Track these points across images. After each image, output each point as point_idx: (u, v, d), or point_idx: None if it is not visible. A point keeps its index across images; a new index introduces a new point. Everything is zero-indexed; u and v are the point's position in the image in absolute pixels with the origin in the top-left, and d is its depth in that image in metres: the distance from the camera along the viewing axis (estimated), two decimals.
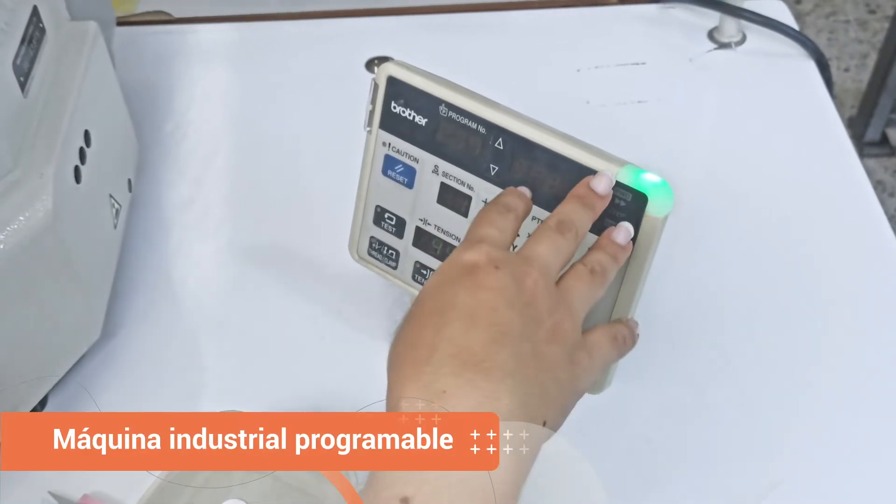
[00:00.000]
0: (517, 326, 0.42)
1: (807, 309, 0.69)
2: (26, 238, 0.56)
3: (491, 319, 0.42)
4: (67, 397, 0.65)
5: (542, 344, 0.43)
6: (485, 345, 0.41)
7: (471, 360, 0.41)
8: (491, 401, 0.40)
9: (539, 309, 0.44)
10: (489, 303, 0.42)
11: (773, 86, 0.85)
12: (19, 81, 0.59)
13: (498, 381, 0.41)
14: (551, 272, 0.46)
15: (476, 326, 0.41)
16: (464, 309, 0.42)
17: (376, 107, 0.60)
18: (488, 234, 0.47)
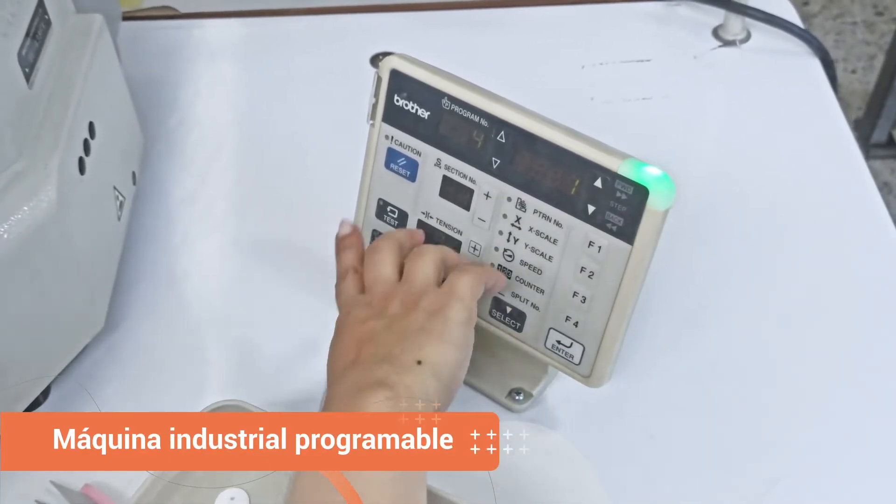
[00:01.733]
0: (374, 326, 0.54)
1: (810, 308, 0.69)
2: (30, 228, 0.56)
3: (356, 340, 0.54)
4: (70, 388, 0.65)
5: (397, 321, 0.54)
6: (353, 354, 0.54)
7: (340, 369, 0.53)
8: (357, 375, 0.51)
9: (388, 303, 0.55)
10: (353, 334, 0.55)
11: (777, 83, 0.85)
12: (24, 73, 0.59)
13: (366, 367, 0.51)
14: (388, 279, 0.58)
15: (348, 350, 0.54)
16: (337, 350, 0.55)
17: (379, 100, 0.60)
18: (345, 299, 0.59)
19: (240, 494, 0.57)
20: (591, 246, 0.55)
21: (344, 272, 0.60)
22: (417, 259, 0.57)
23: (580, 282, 0.56)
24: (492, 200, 0.58)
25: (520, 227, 0.57)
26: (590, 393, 0.60)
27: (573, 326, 0.58)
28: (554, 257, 0.57)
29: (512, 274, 0.59)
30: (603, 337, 0.57)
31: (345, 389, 0.50)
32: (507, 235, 0.58)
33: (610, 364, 0.58)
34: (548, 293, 0.58)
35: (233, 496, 0.57)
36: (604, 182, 0.54)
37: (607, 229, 0.54)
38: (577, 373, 0.59)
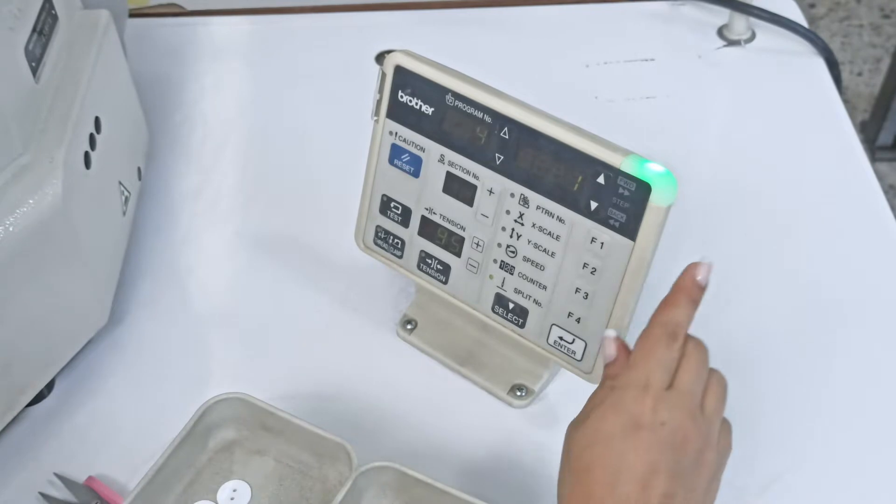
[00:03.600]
0: (674, 485, 0.47)
1: (813, 309, 0.69)
2: (35, 222, 0.56)
3: (653, 482, 0.47)
4: (74, 381, 0.65)
5: (687, 493, 0.48)
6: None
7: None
8: None
9: (690, 455, 0.48)
10: (653, 464, 0.47)
11: (781, 83, 0.85)
12: (31, 67, 0.59)
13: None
14: (697, 399, 0.50)
15: (645, 492, 0.47)
16: (632, 472, 0.47)
17: (383, 96, 0.60)
18: (655, 379, 0.49)
19: (242, 487, 0.57)
20: (593, 242, 0.55)
21: (674, 333, 0.50)
22: (722, 401, 0.51)
23: (582, 278, 0.57)
24: (495, 196, 0.58)
25: (522, 223, 0.58)
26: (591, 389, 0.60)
27: (575, 322, 0.58)
28: (556, 253, 0.57)
29: (514, 270, 0.59)
30: None
31: None
32: (510, 231, 0.58)
33: None
34: (550, 289, 0.58)
35: (235, 488, 0.57)
36: (606, 178, 0.54)
37: (610, 225, 0.55)
38: (578, 369, 0.59)
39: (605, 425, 0.48)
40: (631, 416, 0.48)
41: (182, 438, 0.56)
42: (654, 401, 0.48)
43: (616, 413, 0.49)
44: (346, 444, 0.54)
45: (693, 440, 0.48)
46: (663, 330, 0.51)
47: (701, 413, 0.49)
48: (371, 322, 0.68)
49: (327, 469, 0.56)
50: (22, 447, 0.62)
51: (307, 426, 0.55)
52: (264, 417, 0.57)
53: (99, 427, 0.63)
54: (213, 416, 0.57)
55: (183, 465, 0.57)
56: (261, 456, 0.58)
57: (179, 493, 0.57)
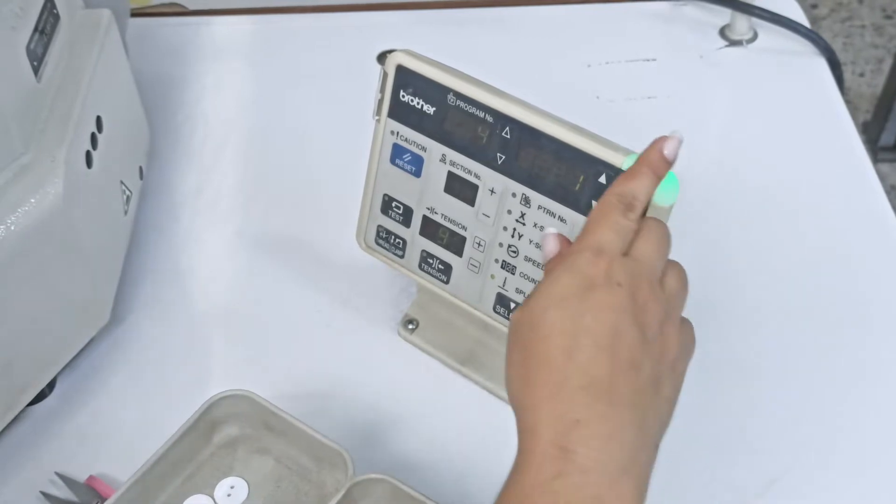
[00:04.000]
0: (637, 353, 0.43)
1: (814, 310, 0.69)
2: (36, 221, 0.56)
3: (616, 348, 0.43)
4: (75, 381, 0.65)
5: (654, 365, 0.44)
6: (612, 375, 0.42)
7: (601, 392, 0.42)
8: (618, 432, 0.42)
9: (652, 325, 0.45)
10: (613, 327, 0.43)
11: (783, 84, 0.85)
12: (33, 66, 0.59)
13: (623, 413, 0.42)
14: (656, 272, 0.47)
15: (603, 355, 0.42)
16: (591, 335, 0.43)
17: (385, 95, 0.60)
18: (608, 242, 0.46)
19: (240, 484, 0.57)
20: None
21: (630, 203, 0.47)
22: (683, 283, 0.48)
23: None
24: (496, 196, 0.58)
25: (524, 223, 0.58)
26: None
27: None
28: None
29: (516, 270, 0.59)
30: None
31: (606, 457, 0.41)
32: (512, 231, 0.58)
33: None
34: None
35: (233, 485, 0.57)
36: (608, 178, 0.54)
37: None
38: None
39: (556, 288, 0.44)
40: (585, 276, 0.44)
41: (185, 431, 0.56)
42: (608, 263, 0.45)
43: (570, 274, 0.44)
44: (343, 452, 0.54)
45: (653, 309, 0.44)
46: (619, 199, 0.48)
47: (661, 288, 0.46)
48: (372, 322, 0.68)
49: (325, 474, 0.56)
50: (23, 446, 0.62)
51: (307, 430, 0.55)
52: (268, 417, 0.57)
53: (100, 426, 0.63)
54: (218, 412, 0.57)
55: (184, 458, 0.57)
56: (262, 455, 0.58)
57: (178, 485, 0.57)
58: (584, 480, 0.41)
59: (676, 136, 0.50)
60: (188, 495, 0.57)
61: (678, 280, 0.48)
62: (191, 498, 0.57)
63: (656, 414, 0.44)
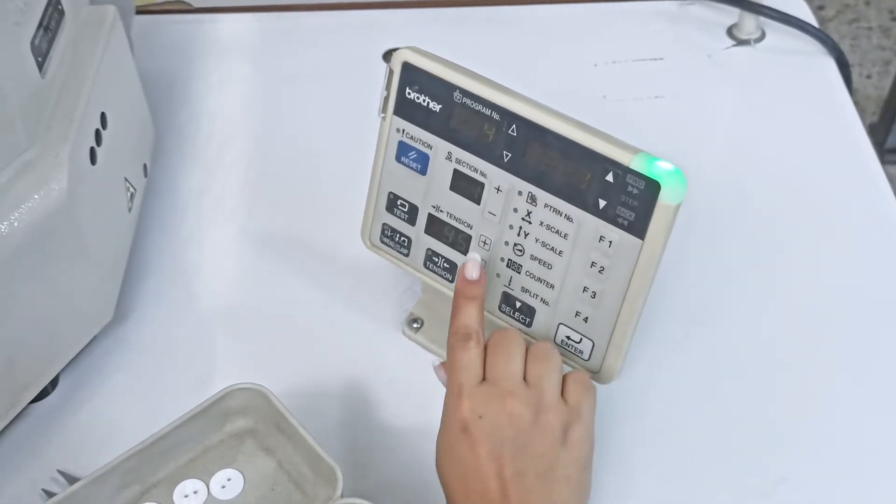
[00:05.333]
0: (518, 463, 0.51)
1: (821, 310, 0.68)
2: (40, 217, 0.56)
3: (497, 471, 0.50)
4: (78, 378, 0.65)
5: (539, 459, 0.51)
6: (503, 494, 0.50)
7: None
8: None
9: (526, 430, 0.51)
10: (493, 454, 0.51)
11: (791, 83, 0.84)
12: (37, 62, 0.59)
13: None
14: (515, 379, 0.53)
15: (491, 481, 0.50)
16: (477, 469, 0.51)
17: (391, 93, 0.60)
18: (463, 381, 0.54)
19: (237, 478, 0.57)
20: (601, 241, 0.55)
21: (466, 335, 0.55)
22: (547, 363, 0.54)
23: (590, 277, 0.56)
24: (502, 194, 0.58)
25: (530, 222, 0.57)
26: (598, 389, 0.59)
27: (583, 322, 0.57)
28: (564, 252, 0.57)
29: (521, 268, 0.59)
30: (612, 332, 0.57)
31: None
32: (518, 230, 0.58)
33: (619, 360, 0.58)
34: (557, 288, 0.58)
35: (230, 478, 0.57)
36: (615, 176, 0.53)
37: (618, 224, 0.54)
38: (586, 368, 0.59)
39: (442, 441, 0.53)
40: (456, 421, 0.52)
41: (194, 414, 0.56)
42: (468, 400, 0.52)
43: (446, 426, 0.53)
44: (336, 469, 0.53)
45: (519, 415, 0.51)
46: (455, 338, 0.55)
47: (524, 386, 0.53)
48: (377, 321, 0.68)
49: (320, 488, 0.55)
50: (25, 444, 0.62)
51: (308, 438, 0.55)
52: (278, 418, 0.57)
53: (102, 424, 0.63)
54: (234, 402, 0.57)
55: (192, 440, 0.57)
56: (267, 455, 0.58)
57: (181, 465, 0.57)
58: None
59: (472, 259, 0.57)
60: (187, 477, 0.57)
61: (542, 365, 0.54)
62: (186, 481, 0.56)
63: (558, 499, 0.50)
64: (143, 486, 0.56)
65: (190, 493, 0.56)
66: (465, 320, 0.56)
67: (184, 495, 0.56)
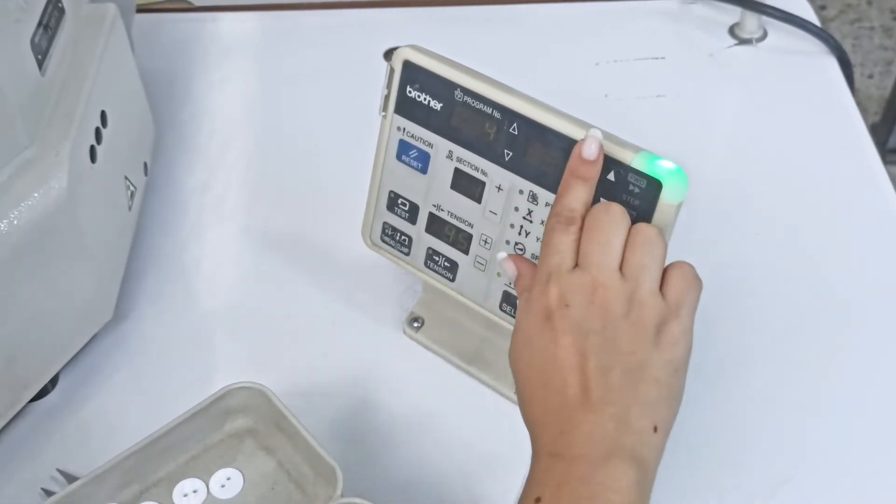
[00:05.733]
0: (604, 357, 0.47)
1: (824, 310, 0.68)
2: (40, 215, 0.56)
3: (580, 364, 0.47)
4: (78, 377, 0.65)
5: (627, 356, 0.47)
6: (582, 387, 0.47)
7: (576, 405, 0.47)
8: (598, 428, 0.46)
9: (615, 323, 0.48)
10: (573, 347, 0.48)
11: (793, 83, 0.84)
12: (37, 60, 0.59)
13: (601, 411, 0.46)
14: (610, 268, 0.49)
15: (571, 374, 0.47)
16: (556, 362, 0.48)
17: (391, 91, 0.59)
18: (554, 266, 0.50)
19: (236, 478, 0.57)
20: None
21: (569, 218, 0.50)
22: (647, 253, 0.49)
23: None
24: (504, 193, 0.57)
25: (531, 221, 0.57)
26: None
27: None
28: None
29: None
30: None
31: (590, 449, 0.46)
32: (519, 229, 0.58)
33: None
34: None
35: (230, 477, 0.57)
36: (617, 175, 0.53)
37: None
38: None
39: (522, 332, 0.50)
40: (540, 309, 0.49)
41: (193, 413, 0.56)
42: (557, 287, 0.49)
43: (528, 314, 0.49)
44: (336, 469, 0.53)
45: (610, 308, 0.48)
46: (557, 219, 0.51)
47: (618, 276, 0.49)
48: (377, 320, 0.67)
49: (320, 488, 0.55)
50: (25, 442, 0.62)
51: (309, 438, 0.55)
52: (279, 418, 0.57)
53: (102, 423, 0.63)
54: (234, 401, 0.57)
55: (192, 439, 0.57)
56: (267, 454, 0.58)
57: (181, 464, 0.57)
58: (569, 468, 0.46)
59: (592, 136, 0.52)
60: (187, 476, 0.56)
61: (641, 253, 0.50)
62: (186, 480, 0.56)
63: (644, 400, 0.47)
64: (143, 485, 0.56)
65: (189, 492, 0.56)
66: (572, 202, 0.51)
67: (183, 494, 0.56)
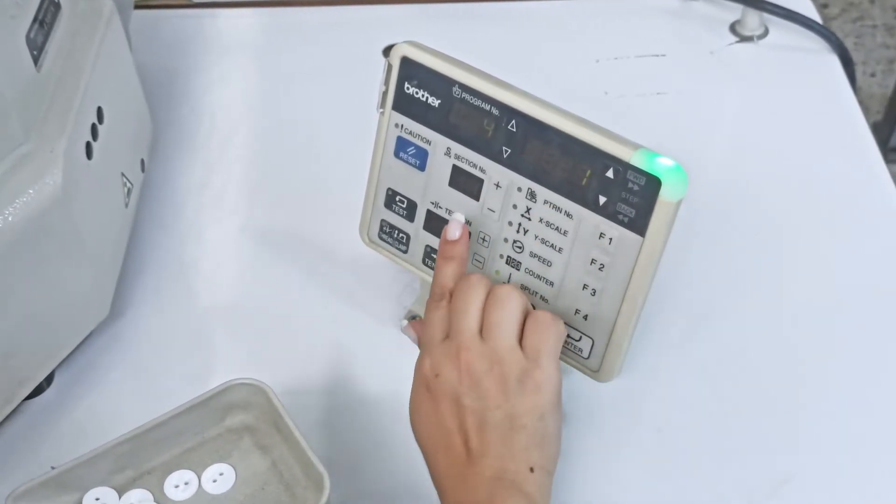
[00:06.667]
0: (477, 414, 0.51)
1: (824, 309, 0.68)
2: (35, 212, 0.56)
3: (459, 425, 0.52)
4: (74, 375, 0.64)
5: (495, 410, 0.51)
6: (466, 446, 0.51)
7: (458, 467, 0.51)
8: (482, 480, 0.50)
9: (480, 382, 0.52)
10: (449, 410, 0.52)
11: (795, 80, 0.84)
12: (33, 55, 0.58)
13: (481, 464, 0.50)
14: (470, 331, 0.53)
15: (453, 437, 0.52)
16: (440, 429, 0.52)
17: (389, 88, 0.59)
18: (427, 339, 0.55)
19: (229, 473, 0.56)
20: (601, 237, 0.54)
21: (440, 293, 0.56)
22: (499, 309, 0.53)
23: (590, 274, 0.56)
24: (502, 190, 0.57)
25: (530, 218, 0.57)
26: (598, 387, 0.59)
27: (582, 320, 0.57)
28: (564, 249, 0.56)
29: (521, 265, 0.58)
30: (612, 331, 0.56)
31: (476, 497, 0.50)
32: (517, 226, 0.57)
33: (619, 358, 0.57)
34: (557, 285, 0.57)
35: (222, 472, 0.56)
36: (615, 172, 0.53)
37: (619, 221, 0.54)
38: (585, 367, 0.58)
39: (412, 401, 0.54)
40: (421, 380, 0.54)
41: (191, 405, 0.56)
42: (429, 358, 0.54)
43: (415, 382, 0.55)
44: (324, 477, 0.53)
45: (473, 369, 0.52)
46: (432, 298, 0.56)
47: (477, 339, 0.53)
48: (376, 317, 0.67)
49: (310, 492, 0.55)
50: (20, 441, 0.61)
51: (301, 442, 0.54)
52: (276, 417, 0.56)
53: (98, 421, 0.62)
54: (234, 397, 0.57)
55: (189, 430, 0.57)
56: (263, 453, 0.57)
57: (177, 454, 0.57)
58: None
59: (454, 219, 0.58)
60: (181, 467, 0.56)
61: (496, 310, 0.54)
62: (179, 471, 0.56)
63: (517, 447, 0.51)
64: (136, 472, 0.56)
65: (181, 483, 0.56)
66: (441, 279, 0.56)
67: (174, 486, 0.56)
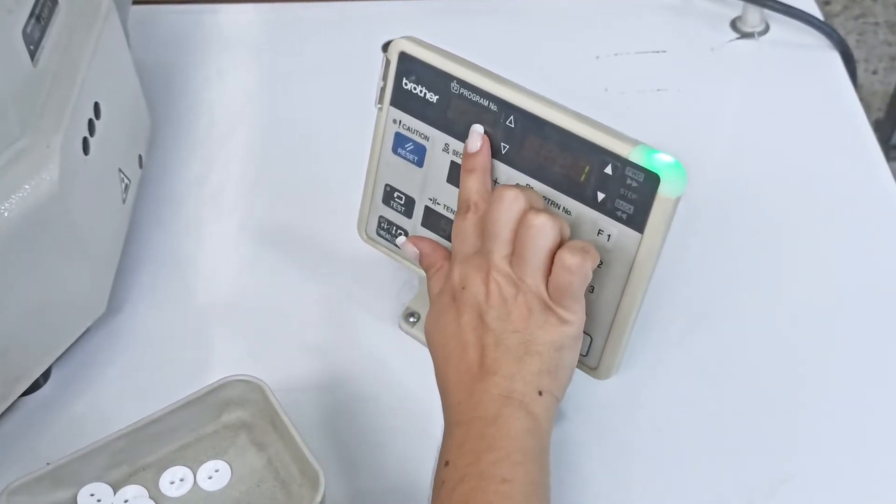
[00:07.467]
0: (497, 333, 0.52)
1: (824, 307, 0.68)
2: (31, 207, 0.55)
3: (477, 339, 0.53)
4: (71, 371, 0.64)
5: (514, 333, 0.52)
6: (479, 360, 0.52)
7: (470, 378, 0.52)
8: (490, 395, 0.52)
9: (506, 303, 0.53)
10: (471, 324, 0.53)
11: (796, 77, 0.84)
12: (29, 50, 0.58)
13: (490, 380, 0.52)
14: (500, 254, 0.53)
15: (469, 350, 0.53)
16: (454, 340, 0.53)
17: (387, 83, 0.59)
18: (457, 251, 0.55)
19: (224, 470, 0.56)
20: (600, 234, 0.54)
21: (465, 205, 0.55)
22: (530, 244, 0.52)
23: None
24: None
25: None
26: (597, 385, 0.59)
27: None
28: None
29: None
30: (611, 328, 0.56)
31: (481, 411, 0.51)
32: None
33: (618, 356, 0.57)
34: None
35: (218, 469, 0.56)
36: (614, 169, 0.53)
37: (617, 217, 0.53)
38: (584, 364, 0.58)
39: (433, 310, 0.55)
40: (448, 290, 0.54)
41: (187, 402, 0.56)
42: (459, 270, 0.54)
43: (440, 294, 0.55)
44: (319, 475, 0.53)
45: (500, 289, 0.52)
46: (459, 210, 0.56)
47: (506, 263, 0.53)
48: (374, 315, 0.67)
49: (306, 490, 0.54)
50: (16, 437, 0.61)
51: (297, 439, 0.54)
52: (272, 414, 0.56)
53: (95, 418, 0.62)
54: (231, 393, 0.57)
55: (185, 426, 0.56)
56: (259, 450, 0.57)
57: (173, 450, 0.56)
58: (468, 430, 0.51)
59: (473, 130, 0.56)
60: (177, 463, 0.56)
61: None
62: (174, 467, 0.56)
63: (528, 370, 0.52)
64: (132, 468, 0.56)
65: (176, 480, 0.56)
66: (466, 193, 0.56)
67: (170, 482, 0.56)
